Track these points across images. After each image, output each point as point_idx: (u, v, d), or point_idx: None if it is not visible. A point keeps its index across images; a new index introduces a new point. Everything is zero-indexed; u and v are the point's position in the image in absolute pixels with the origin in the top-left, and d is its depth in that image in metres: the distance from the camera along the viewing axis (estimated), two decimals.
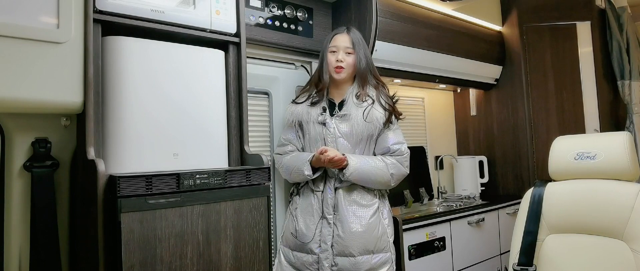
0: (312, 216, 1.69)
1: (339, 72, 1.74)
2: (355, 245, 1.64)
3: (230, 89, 1.47)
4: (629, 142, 1.52)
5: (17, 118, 1.21)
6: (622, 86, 2.89)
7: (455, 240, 2.27)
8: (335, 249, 1.64)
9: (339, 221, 1.66)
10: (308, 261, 1.67)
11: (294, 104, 1.80)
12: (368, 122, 1.70)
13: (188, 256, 1.16)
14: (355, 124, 1.70)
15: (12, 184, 1.22)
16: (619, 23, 2.92)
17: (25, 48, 1.07)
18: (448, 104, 3.23)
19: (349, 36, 1.77)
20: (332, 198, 1.69)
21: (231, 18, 1.46)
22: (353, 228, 1.65)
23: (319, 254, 1.65)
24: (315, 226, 1.68)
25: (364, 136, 1.71)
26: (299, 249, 1.69)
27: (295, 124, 1.77)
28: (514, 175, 2.87)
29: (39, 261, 1.21)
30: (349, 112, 1.72)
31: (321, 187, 1.71)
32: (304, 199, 1.73)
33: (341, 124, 1.71)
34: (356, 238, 1.64)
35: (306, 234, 1.68)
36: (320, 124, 1.72)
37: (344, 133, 1.71)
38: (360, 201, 1.70)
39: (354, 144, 1.71)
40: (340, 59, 1.73)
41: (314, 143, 1.73)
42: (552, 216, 1.59)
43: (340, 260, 1.64)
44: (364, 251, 1.65)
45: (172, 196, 1.14)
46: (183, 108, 1.31)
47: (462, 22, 2.65)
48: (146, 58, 1.26)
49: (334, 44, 1.76)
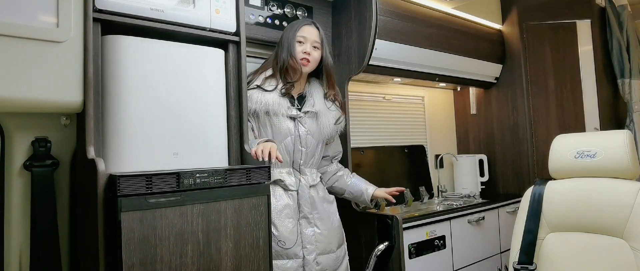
0: (291, 217, 1.59)
1: (305, 65, 1.66)
2: (335, 240, 1.69)
3: (230, 88, 1.47)
4: (629, 140, 1.52)
5: (17, 117, 1.21)
6: (622, 85, 2.89)
7: (455, 238, 2.27)
8: (319, 248, 1.63)
9: (319, 219, 1.65)
10: (292, 267, 1.57)
11: (261, 91, 1.61)
12: (336, 125, 1.75)
13: (188, 255, 1.16)
14: (326, 125, 1.70)
15: (12, 183, 1.22)
16: (619, 21, 2.92)
17: (24, 47, 1.07)
18: (448, 103, 3.22)
19: (317, 31, 1.70)
20: (309, 196, 1.65)
21: (231, 17, 1.46)
22: (333, 224, 1.70)
23: (306, 256, 1.59)
24: (295, 228, 1.60)
25: (329, 137, 1.76)
26: (278, 257, 1.55)
27: (256, 113, 1.60)
28: (514, 174, 2.87)
29: (39, 261, 1.21)
30: (316, 111, 1.69)
31: (295, 186, 1.64)
32: (277, 200, 1.59)
33: (308, 121, 1.67)
34: (335, 234, 1.70)
35: (290, 238, 1.57)
36: (291, 118, 1.64)
37: (311, 131, 1.68)
38: (328, 198, 1.75)
39: (317, 142, 1.71)
40: (307, 51, 1.65)
41: (282, 138, 1.62)
42: (552, 214, 1.59)
43: (323, 258, 1.63)
44: (338, 244, 1.71)
45: (172, 195, 1.14)
46: (183, 107, 1.31)
47: (462, 20, 2.64)
48: (146, 57, 1.26)
49: (302, 35, 1.66)
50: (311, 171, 1.71)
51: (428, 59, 2.41)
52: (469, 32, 2.67)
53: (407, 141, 2.83)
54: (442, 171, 3.01)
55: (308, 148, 1.68)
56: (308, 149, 1.68)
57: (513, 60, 2.87)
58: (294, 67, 1.65)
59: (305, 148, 1.67)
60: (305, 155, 1.68)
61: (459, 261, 2.29)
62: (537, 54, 2.82)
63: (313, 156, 1.71)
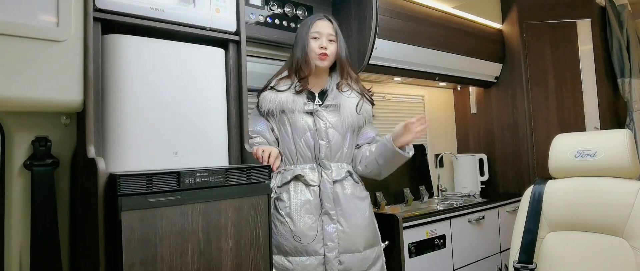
0: (311, 213, 1.57)
1: (323, 60, 1.66)
2: (361, 239, 1.60)
3: (230, 87, 1.47)
4: (629, 139, 1.52)
5: (17, 117, 1.21)
6: (622, 84, 2.89)
7: (455, 237, 2.27)
8: (341, 246, 1.57)
9: (343, 216, 1.59)
10: (312, 265, 1.54)
11: (274, 91, 1.64)
12: (359, 115, 1.68)
13: (189, 255, 1.16)
14: (347, 115, 1.66)
15: (12, 182, 1.22)
16: (619, 20, 2.92)
17: (24, 46, 1.07)
18: (448, 102, 3.23)
19: (331, 24, 1.70)
20: (332, 191, 1.60)
21: (231, 16, 1.46)
22: (358, 222, 1.61)
23: (327, 253, 1.55)
24: (316, 224, 1.57)
25: (355, 127, 1.70)
26: (297, 253, 1.55)
27: (273, 113, 1.64)
28: (514, 173, 2.87)
29: (40, 260, 1.21)
30: (337, 103, 1.68)
31: (317, 180, 1.61)
32: (297, 196, 1.59)
33: (329, 115, 1.66)
34: (361, 232, 1.61)
35: (308, 234, 1.55)
36: (308, 113, 1.64)
37: (334, 124, 1.65)
38: (359, 195, 1.67)
39: (342, 135, 1.67)
40: (324, 46, 1.65)
41: (301, 134, 1.63)
42: (552, 213, 1.59)
43: (346, 257, 1.57)
44: (368, 245, 1.63)
45: (173, 195, 1.14)
46: (183, 107, 1.31)
47: (462, 20, 2.65)
48: (146, 56, 1.26)
49: (316, 30, 1.67)
50: (337, 166, 1.66)
51: (428, 59, 2.41)
52: (469, 31, 2.67)
53: None
54: (442, 171, 3.01)
55: (330, 142, 1.64)
56: (331, 143, 1.64)
57: (513, 59, 2.87)
58: (308, 64, 1.66)
59: (326, 142, 1.63)
60: (328, 149, 1.64)
61: (459, 260, 2.29)
62: (537, 53, 2.82)
63: (339, 150, 1.66)
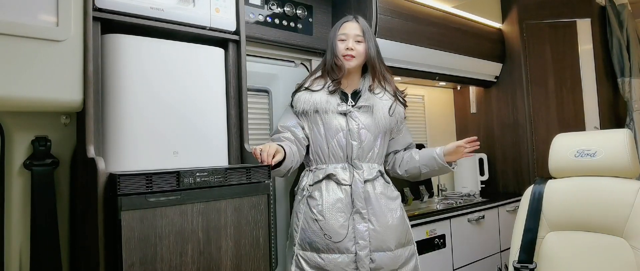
0: (343, 212, 1.59)
1: (349, 60, 1.68)
2: (392, 238, 1.61)
3: (230, 87, 1.47)
4: (629, 139, 1.52)
5: (17, 116, 1.21)
6: (622, 84, 2.89)
7: (455, 237, 2.27)
8: (373, 244, 1.58)
9: (374, 215, 1.60)
10: (344, 262, 1.55)
11: (308, 92, 1.68)
12: (391, 117, 1.70)
13: (188, 254, 1.16)
14: (380, 117, 1.68)
15: (12, 182, 1.22)
16: (619, 20, 2.92)
17: (24, 46, 1.07)
18: (448, 102, 3.22)
19: (358, 24, 1.72)
20: (363, 190, 1.62)
21: (231, 16, 1.46)
22: (389, 221, 1.62)
23: (358, 252, 1.56)
24: (347, 223, 1.59)
25: (387, 129, 1.72)
26: (329, 250, 1.57)
27: (306, 112, 1.67)
28: (514, 173, 2.87)
29: (40, 260, 1.21)
30: (371, 104, 1.69)
31: (349, 179, 1.63)
32: (329, 194, 1.61)
33: (362, 116, 1.68)
34: (392, 232, 1.62)
35: (339, 232, 1.57)
36: (341, 114, 1.66)
37: (366, 125, 1.67)
38: (389, 195, 1.69)
39: (375, 136, 1.69)
40: (350, 47, 1.68)
41: (334, 134, 1.65)
42: (552, 213, 1.59)
43: (378, 255, 1.58)
44: (399, 244, 1.64)
45: (173, 194, 1.14)
46: (183, 106, 1.31)
47: (462, 19, 2.64)
48: (146, 56, 1.26)
49: (343, 32, 1.71)
50: (369, 166, 1.67)
51: (428, 58, 2.41)
52: (469, 31, 2.67)
53: None
54: None
55: (362, 143, 1.66)
56: (363, 143, 1.66)
57: (513, 59, 2.86)
58: (339, 65, 1.70)
59: (358, 142, 1.65)
60: (360, 149, 1.65)
61: (459, 260, 2.29)
62: (537, 53, 2.82)
63: (371, 150, 1.68)
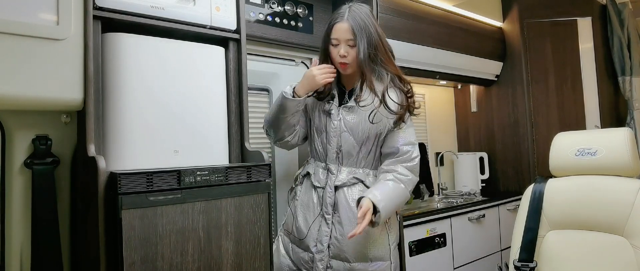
0: (311, 212, 1.57)
1: (345, 69, 1.54)
2: (351, 249, 1.50)
3: (231, 85, 1.46)
4: (630, 138, 1.52)
5: (18, 115, 1.21)
6: (623, 82, 2.89)
7: (455, 236, 2.27)
8: (332, 250, 1.53)
9: (338, 223, 1.52)
10: (304, 258, 1.57)
11: None
12: (373, 124, 1.51)
13: (189, 253, 1.16)
14: (361, 121, 1.52)
15: (13, 181, 1.22)
16: (620, 19, 2.91)
17: (25, 45, 1.07)
18: (448, 101, 3.22)
19: (349, 25, 1.50)
20: (332, 196, 1.53)
21: (231, 14, 1.45)
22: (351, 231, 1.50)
23: (315, 254, 1.54)
24: (312, 223, 1.56)
25: (371, 135, 1.53)
26: (296, 243, 1.60)
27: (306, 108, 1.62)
28: (515, 171, 2.87)
29: (40, 259, 1.22)
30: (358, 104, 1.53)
31: (323, 183, 1.55)
32: (304, 193, 1.61)
33: (348, 116, 1.53)
34: (352, 243, 1.49)
35: (303, 230, 1.57)
36: (326, 113, 1.56)
37: (350, 127, 1.52)
38: None
39: (359, 141, 1.53)
40: (343, 54, 1.51)
41: (319, 133, 1.59)
42: (552, 212, 1.59)
43: (336, 263, 1.53)
44: (361, 257, 1.51)
45: (173, 193, 1.14)
46: (183, 105, 1.31)
47: (462, 18, 2.64)
48: (146, 55, 1.25)
49: (335, 36, 1.52)
50: (349, 171, 1.54)
51: (429, 57, 2.41)
52: (469, 29, 2.67)
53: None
54: (443, 169, 3.01)
55: (340, 146, 1.54)
56: (341, 147, 1.54)
57: (514, 57, 2.86)
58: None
59: (335, 146, 1.54)
60: (336, 153, 1.55)
61: (460, 258, 2.29)
62: (538, 51, 2.81)
63: (351, 156, 1.54)
